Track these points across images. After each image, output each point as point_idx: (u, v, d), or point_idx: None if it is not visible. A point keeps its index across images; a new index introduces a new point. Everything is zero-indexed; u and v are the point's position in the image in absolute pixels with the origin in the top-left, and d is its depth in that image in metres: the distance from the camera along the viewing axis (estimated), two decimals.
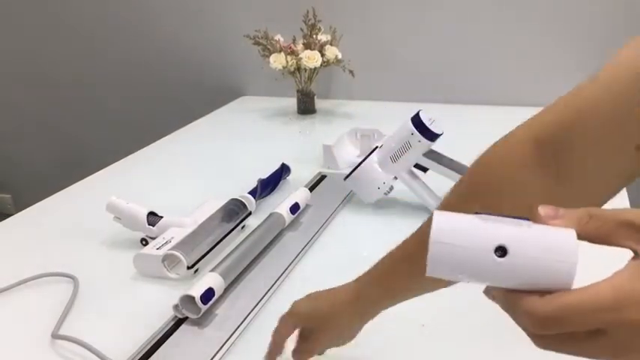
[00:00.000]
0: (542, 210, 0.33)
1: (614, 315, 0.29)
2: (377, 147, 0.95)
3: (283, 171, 1.08)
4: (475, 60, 1.54)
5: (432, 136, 0.89)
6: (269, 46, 1.48)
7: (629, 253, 0.32)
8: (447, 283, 0.46)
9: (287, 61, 1.45)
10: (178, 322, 0.68)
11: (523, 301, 0.31)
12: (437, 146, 0.92)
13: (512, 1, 1.46)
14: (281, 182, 1.07)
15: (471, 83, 1.56)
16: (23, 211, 1.04)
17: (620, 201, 0.44)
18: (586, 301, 0.30)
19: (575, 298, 0.30)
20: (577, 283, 0.30)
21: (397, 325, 0.67)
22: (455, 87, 1.57)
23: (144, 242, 0.87)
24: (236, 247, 0.79)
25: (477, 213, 0.33)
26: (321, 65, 1.45)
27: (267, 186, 1.03)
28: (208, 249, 0.81)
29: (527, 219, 0.33)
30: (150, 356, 0.63)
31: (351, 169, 0.95)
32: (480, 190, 0.48)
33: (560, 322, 0.30)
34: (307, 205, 0.96)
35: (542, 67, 1.49)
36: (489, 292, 0.34)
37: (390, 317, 0.69)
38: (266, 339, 0.67)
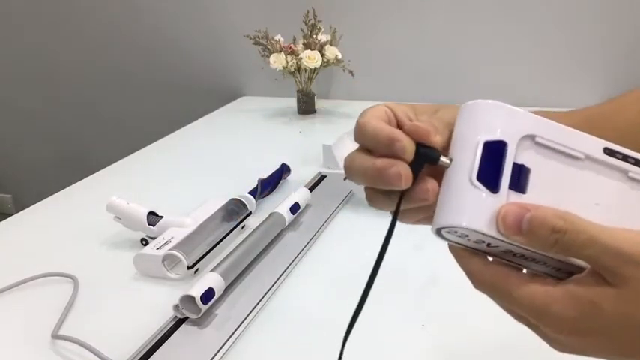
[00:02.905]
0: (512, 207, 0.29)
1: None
2: None
3: (283, 171, 1.08)
4: (476, 60, 1.54)
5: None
6: (269, 46, 1.48)
7: None
8: None
9: (287, 62, 1.45)
10: (178, 322, 0.68)
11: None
12: None
13: (513, 2, 1.46)
14: (281, 182, 1.07)
15: (472, 83, 1.56)
16: (23, 211, 1.04)
17: None
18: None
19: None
20: None
21: (397, 325, 0.67)
22: (455, 87, 1.57)
23: (144, 242, 0.87)
24: (236, 247, 0.79)
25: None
26: (321, 65, 1.45)
27: (267, 186, 1.03)
28: (208, 249, 0.81)
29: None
30: (150, 356, 0.63)
31: None
32: None
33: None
34: (307, 205, 0.96)
35: (542, 67, 1.49)
36: None
37: (390, 317, 0.69)
38: (266, 339, 0.67)
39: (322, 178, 1.10)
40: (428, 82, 1.60)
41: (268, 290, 0.74)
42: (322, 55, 1.46)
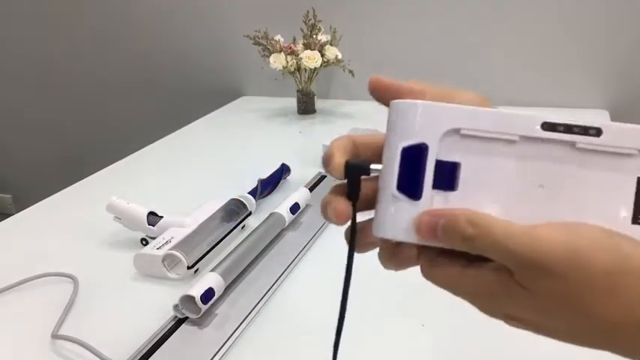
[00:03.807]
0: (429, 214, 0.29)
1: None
2: None
3: (283, 171, 1.08)
4: (474, 60, 1.54)
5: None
6: (269, 46, 1.48)
7: None
8: None
9: (287, 61, 1.45)
10: (178, 322, 0.68)
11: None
12: None
13: (512, 2, 1.46)
14: (281, 182, 1.07)
15: (470, 83, 1.56)
16: (23, 211, 1.04)
17: None
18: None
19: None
20: None
21: (397, 325, 0.67)
22: (454, 87, 1.57)
23: (144, 242, 0.87)
24: (236, 247, 0.79)
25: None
26: (321, 65, 1.45)
27: (267, 186, 1.02)
28: (208, 249, 0.81)
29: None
30: (150, 356, 0.63)
31: None
32: None
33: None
34: (307, 205, 0.96)
35: (540, 67, 1.49)
36: None
37: (390, 317, 0.69)
38: (266, 339, 0.67)
39: (322, 178, 1.10)
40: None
41: (268, 290, 0.74)
42: (322, 55, 1.46)
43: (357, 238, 0.32)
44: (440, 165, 0.29)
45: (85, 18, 1.90)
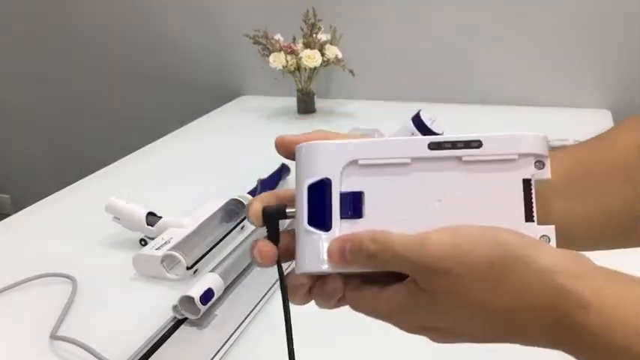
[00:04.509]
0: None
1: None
2: None
3: (283, 171, 1.08)
4: (475, 59, 1.54)
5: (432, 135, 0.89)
6: (269, 46, 1.47)
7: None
8: None
9: (287, 61, 1.44)
10: (177, 323, 0.68)
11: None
12: None
13: (512, 2, 1.45)
14: (281, 182, 1.07)
15: (471, 83, 1.56)
16: (21, 212, 1.04)
17: None
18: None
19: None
20: None
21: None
22: (455, 87, 1.57)
23: (143, 242, 0.86)
24: (236, 248, 0.78)
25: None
26: (321, 65, 1.45)
27: (267, 186, 1.02)
28: (208, 249, 0.81)
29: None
30: (149, 357, 0.63)
31: None
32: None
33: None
34: None
35: (542, 67, 1.49)
36: None
37: None
38: (265, 340, 0.66)
39: None
40: (428, 81, 1.59)
41: (268, 291, 0.74)
42: (322, 55, 1.45)
43: (285, 283, 0.34)
44: (344, 196, 0.31)
45: (84, 18, 1.90)
